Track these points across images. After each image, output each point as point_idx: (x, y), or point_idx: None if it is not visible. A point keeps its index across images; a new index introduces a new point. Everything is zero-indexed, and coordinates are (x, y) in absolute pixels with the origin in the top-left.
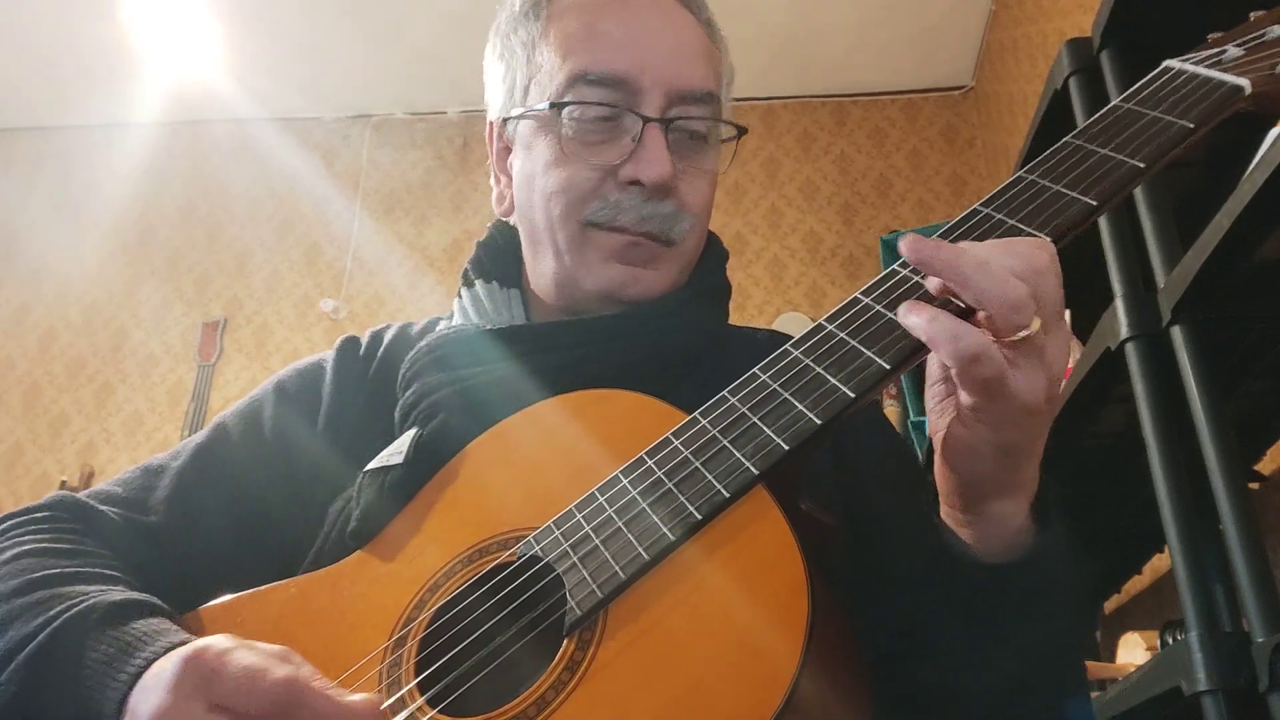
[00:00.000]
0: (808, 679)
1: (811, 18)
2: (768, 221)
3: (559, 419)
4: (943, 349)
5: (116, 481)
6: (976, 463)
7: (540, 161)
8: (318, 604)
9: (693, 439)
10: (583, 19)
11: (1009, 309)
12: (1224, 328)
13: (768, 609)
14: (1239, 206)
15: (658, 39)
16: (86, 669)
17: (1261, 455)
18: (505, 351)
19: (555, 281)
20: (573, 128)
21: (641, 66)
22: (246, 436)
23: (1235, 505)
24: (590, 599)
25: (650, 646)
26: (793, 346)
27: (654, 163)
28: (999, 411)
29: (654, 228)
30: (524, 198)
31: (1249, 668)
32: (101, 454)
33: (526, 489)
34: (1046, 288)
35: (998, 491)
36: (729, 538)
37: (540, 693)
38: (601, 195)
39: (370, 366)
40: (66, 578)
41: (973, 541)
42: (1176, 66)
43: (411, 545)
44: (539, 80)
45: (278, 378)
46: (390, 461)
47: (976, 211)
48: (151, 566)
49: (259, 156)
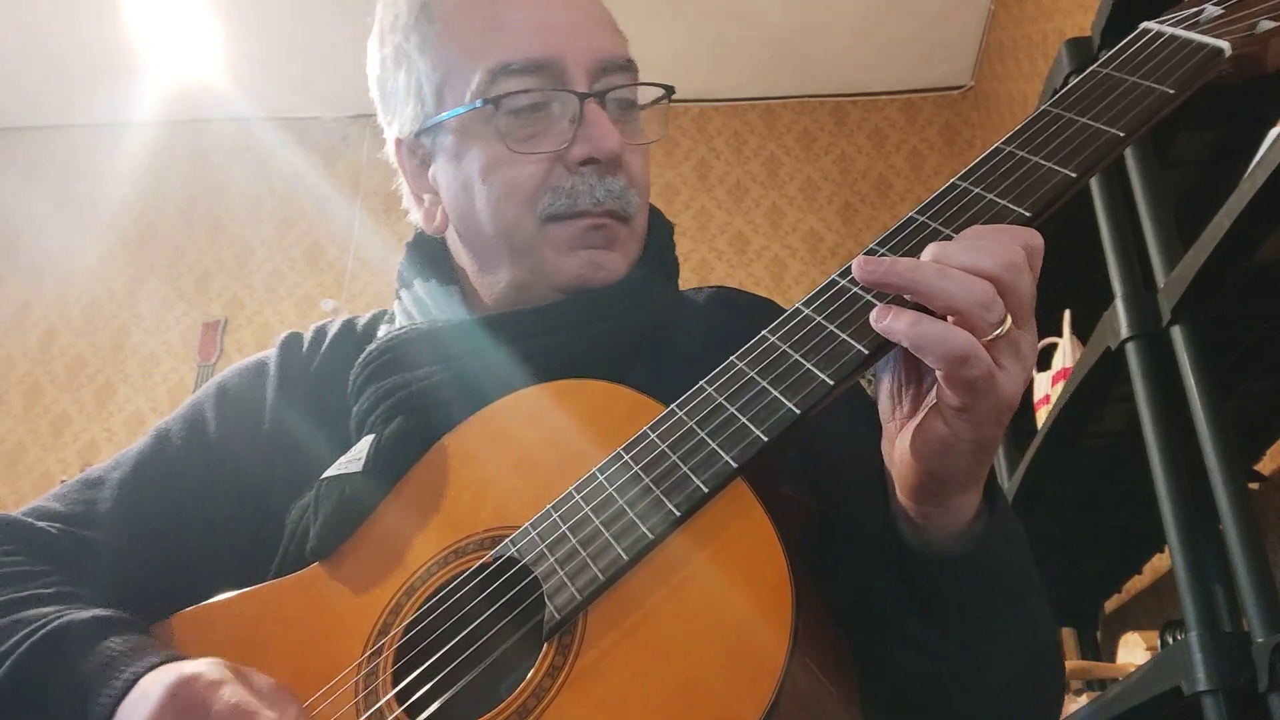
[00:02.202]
0: (796, 671)
1: (811, 17)
2: (769, 220)
3: (533, 411)
4: (930, 352)
5: (54, 496)
6: (952, 459)
7: (475, 168)
8: (291, 611)
9: (669, 432)
10: (482, 13)
11: (979, 308)
12: (1224, 328)
13: (752, 603)
14: (1239, 206)
15: (564, 16)
16: (63, 690)
17: (1261, 455)
18: (462, 347)
19: (515, 286)
20: (506, 123)
21: (559, 46)
22: (189, 441)
23: (1235, 505)
24: (570, 602)
25: (634, 648)
26: (770, 333)
27: (605, 135)
28: (982, 409)
29: (612, 205)
30: (463, 210)
31: (1249, 668)
32: (103, 454)
33: (502, 486)
34: (1018, 284)
35: (964, 485)
36: (709, 534)
37: (521, 700)
38: (551, 186)
39: (313, 362)
40: (21, 602)
41: (926, 533)
42: (1155, 29)
43: (385, 547)
44: (452, 84)
45: (219, 379)
46: (348, 469)
47: (954, 186)
48: (100, 582)
49: (260, 156)
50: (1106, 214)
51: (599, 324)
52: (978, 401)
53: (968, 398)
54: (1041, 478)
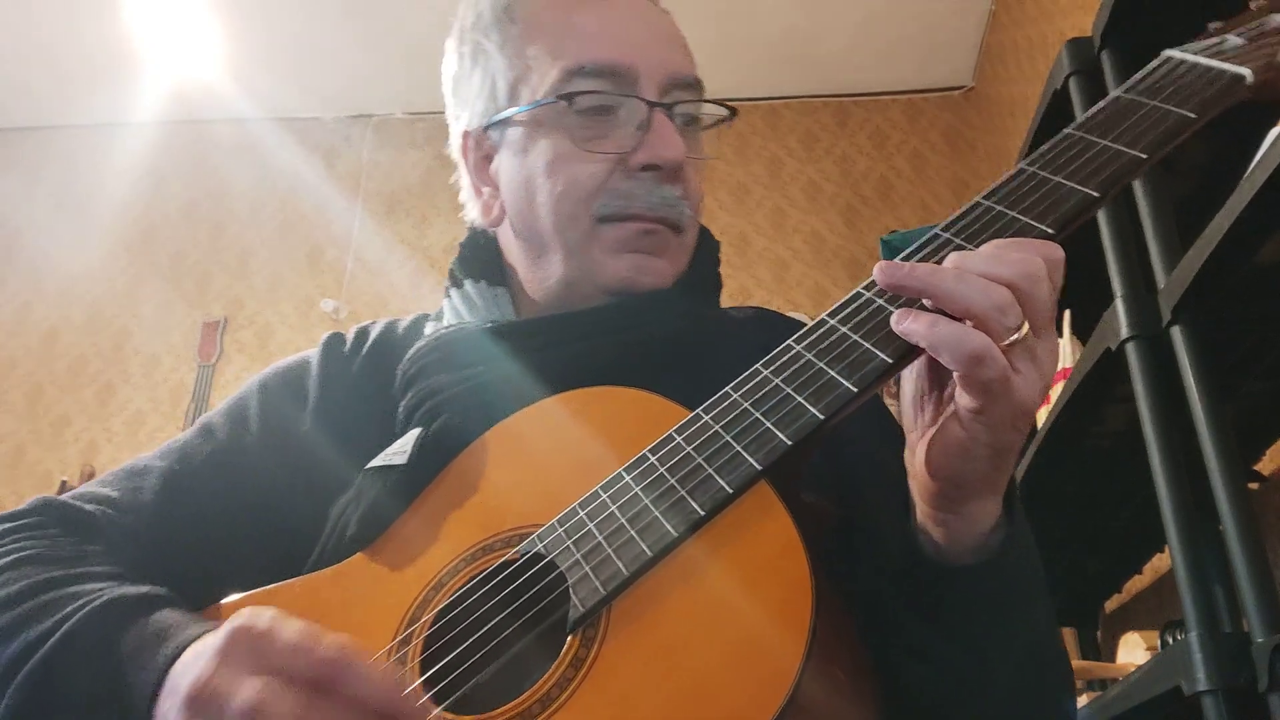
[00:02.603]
0: (811, 676)
1: (812, 18)
2: (771, 222)
3: (562, 416)
4: (946, 353)
5: (101, 482)
6: (970, 463)
7: (540, 163)
8: (323, 602)
9: (695, 435)
10: (563, 17)
11: (996, 311)
12: (1224, 328)
13: (771, 605)
14: (1239, 207)
15: (642, 29)
16: (124, 650)
17: (1261, 455)
18: (506, 348)
19: (564, 282)
20: (576, 122)
21: (634, 56)
22: (232, 435)
23: (1235, 505)
24: (593, 595)
25: (653, 643)
26: (795, 342)
27: (669, 144)
28: (998, 413)
29: (666, 213)
30: (522, 202)
31: (1249, 668)
32: (104, 454)
33: (531, 487)
34: (1036, 293)
35: (981, 491)
36: (732, 533)
37: (544, 690)
38: (610, 187)
39: (355, 362)
40: (73, 579)
41: (944, 542)
42: (1177, 56)
43: (416, 543)
44: (528, 81)
45: (262, 376)
46: (393, 461)
47: (978, 204)
48: (139, 567)
49: (260, 156)
50: (1107, 214)
51: (638, 332)
52: (993, 404)
53: (983, 399)
54: (1041, 478)
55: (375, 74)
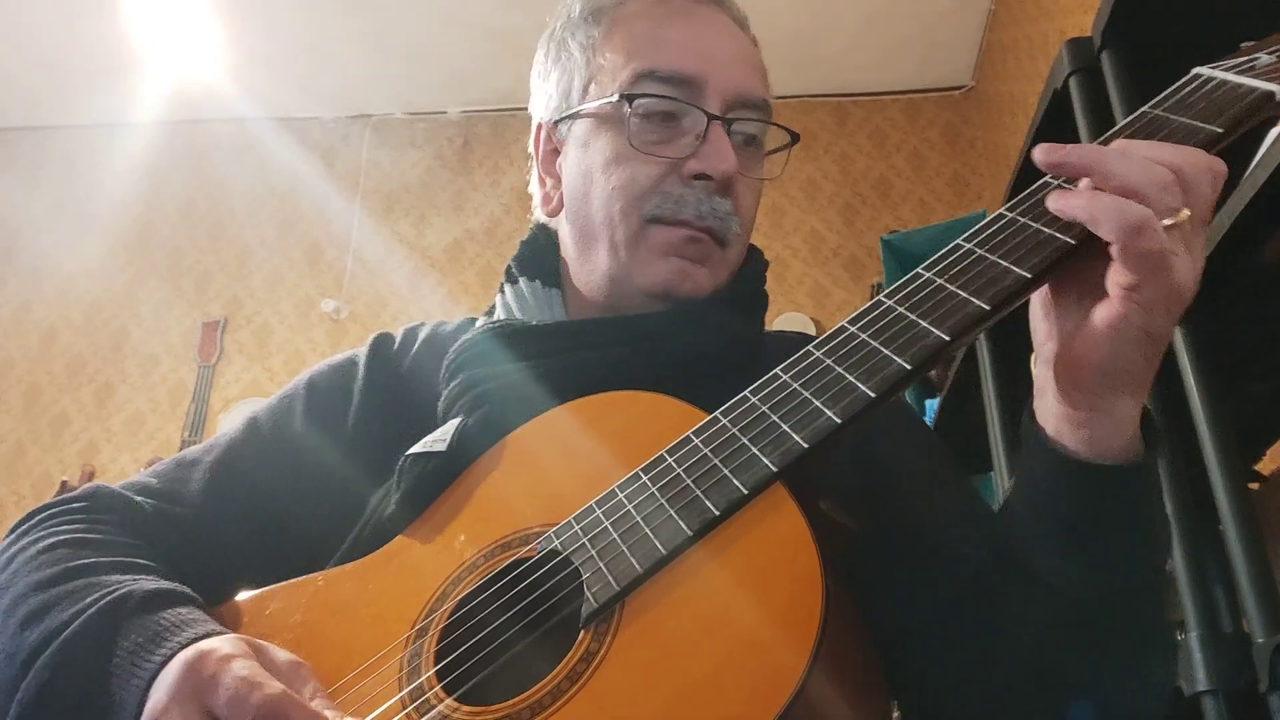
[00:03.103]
0: (817, 678)
1: (811, 18)
2: (770, 220)
3: (583, 420)
4: (1106, 223)
5: (151, 473)
6: (1122, 347)
7: (600, 158)
8: (343, 595)
9: (713, 438)
10: (648, 25)
11: (1158, 188)
12: (1224, 328)
13: (781, 606)
14: (1239, 206)
15: (721, 48)
16: (116, 658)
17: (1261, 455)
18: (550, 347)
19: (608, 277)
20: (636, 123)
21: (706, 70)
22: (278, 432)
23: (1235, 505)
24: (606, 591)
25: (663, 640)
26: (815, 348)
27: (722, 157)
28: (1155, 290)
29: (714, 224)
30: (579, 195)
31: (1249, 668)
32: (103, 454)
33: (550, 487)
34: (1198, 181)
35: (1129, 385)
36: (746, 534)
37: (555, 683)
38: (663, 190)
39: (404, 362)
40: (101, 567)
41: (1086, 444)
42: (1206, 73)
43: (436, 539)
44: (599, 80)
45: (310, 374)
46: (433, 448)
47: (1001, 216)
48: (181, 557)
49: (259, 156)
50: None
51: (679, 342)
52: (1150, 278)
53: (1141, 272)
54: None
55: (374, 74)
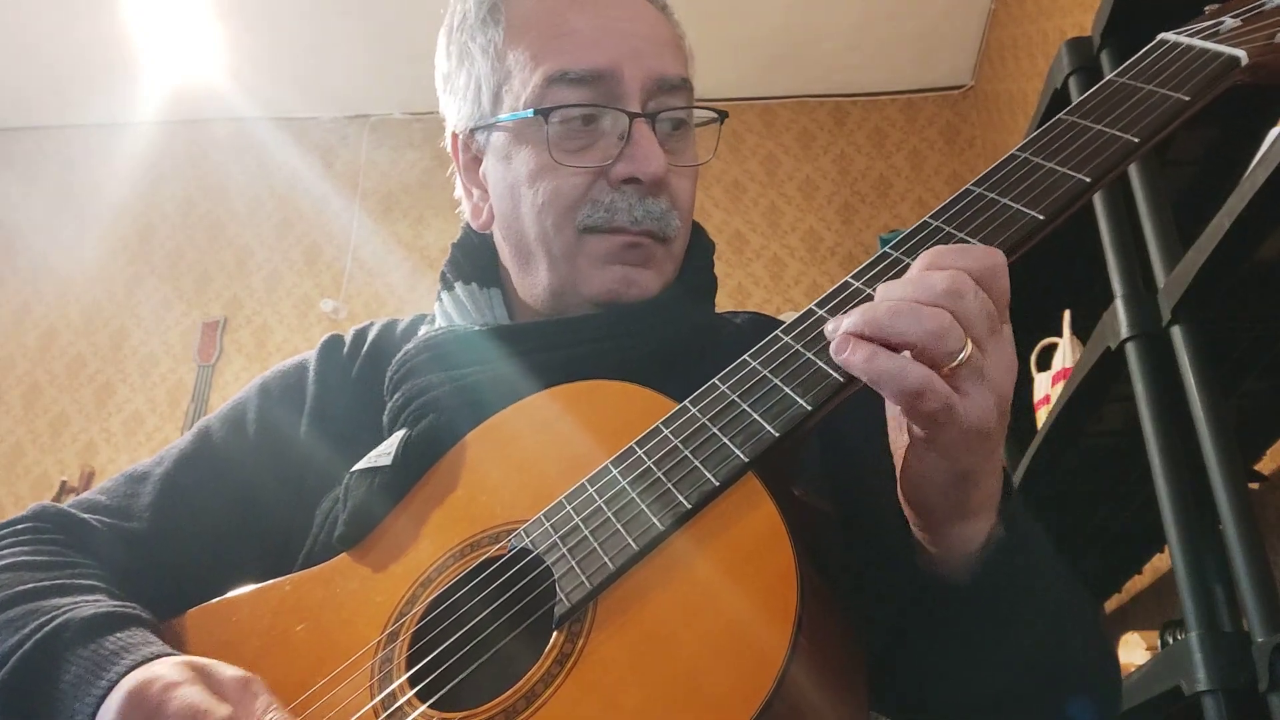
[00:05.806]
0: (798, 666)
1: (811, 17)
2: (767, 220)
3: (549, 411)
4: (886, 388)
5: (100, 490)
6: (932, 491)
7: (523, 172)
8: (311, 600)
9: (682, 428)
10: (547, 18)
11: (934, 339)
12: (1224, 328)
13: (757, 596)
14: (1239, 206)
15: (628, 30)
16: (59, 692)
17: (1261, 455)
18: (496, 351)
19: (551, 290)
20: (555, 132)
21: (618, 59)
22: (230, 439)
23: (1235, 505)
24: (579, 590)
25: (639, 637)
26: (783, 332)
27: (649, 158)
28: (950, 440)
29: (651, 226)
30: (508, 211)
31: (1249, 668)
32: (102, 454)
33: (518, 482)
34: (967, 309)
35: (955, 516)
36: (719, 526)
37: (529, 686)
38: (592, 199)
39: (354, 364)
40: (43, 591)
41: (935, 559)
42: (1172, 39)
43: (404, 541)
44: (510, 87)
45: (261, 379)
46: (378, 463)
47: (969, 191)
48: (137, 573)
49: (258, 156)
50: (1106, 214)
51: (628, 339)
52: (940, 433)
53: (930, 429)
54: (1041, 477)
55: (373, 74)
